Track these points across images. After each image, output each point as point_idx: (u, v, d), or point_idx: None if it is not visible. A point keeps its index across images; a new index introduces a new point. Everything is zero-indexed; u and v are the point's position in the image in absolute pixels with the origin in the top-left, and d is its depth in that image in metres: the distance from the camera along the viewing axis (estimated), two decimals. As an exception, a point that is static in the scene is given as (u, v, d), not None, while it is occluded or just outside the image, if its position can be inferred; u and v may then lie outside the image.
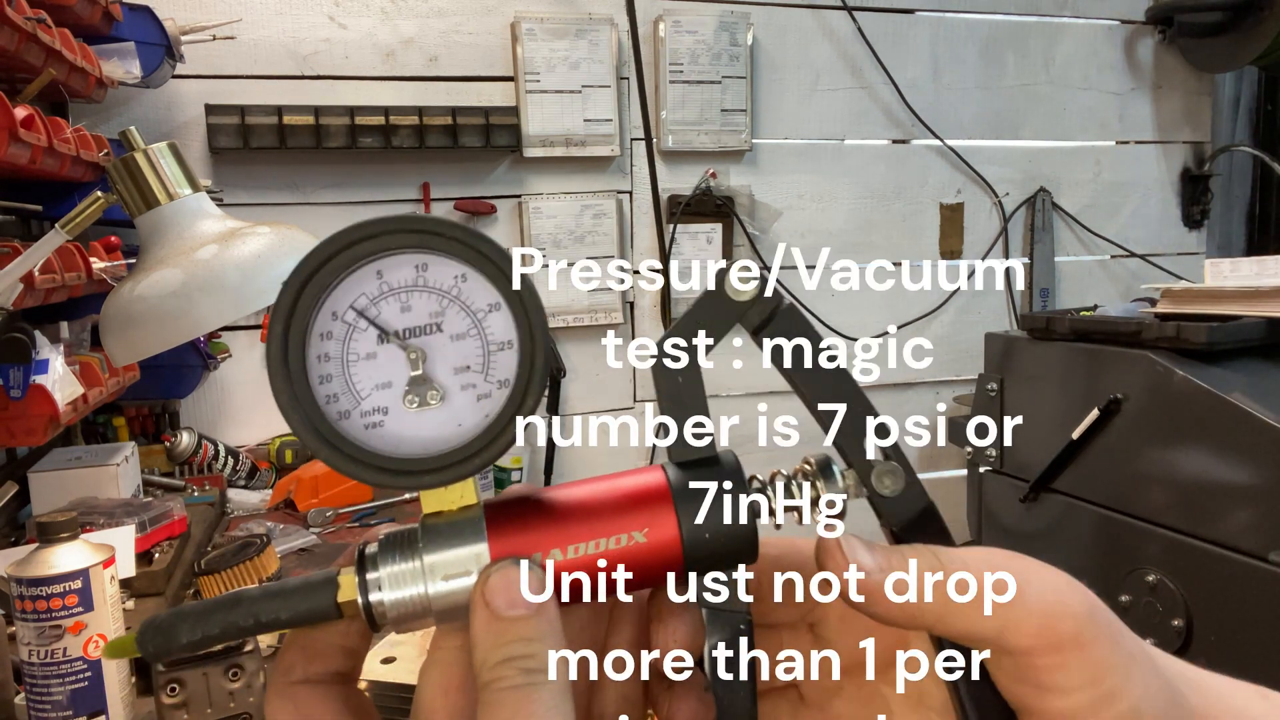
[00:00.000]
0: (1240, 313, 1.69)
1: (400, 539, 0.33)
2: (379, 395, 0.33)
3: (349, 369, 0.33)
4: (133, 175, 0.91)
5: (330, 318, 0.33)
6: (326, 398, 0.33)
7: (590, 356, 2.59)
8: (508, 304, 0.33)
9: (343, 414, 0.33)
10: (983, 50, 2.86)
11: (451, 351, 0.33)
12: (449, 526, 0.33)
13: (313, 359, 0.32)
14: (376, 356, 0.33)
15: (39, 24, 1.34)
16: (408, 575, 0.32)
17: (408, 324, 0.33)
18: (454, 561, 0.32)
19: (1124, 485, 1.79)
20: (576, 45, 2.46)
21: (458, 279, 0.33)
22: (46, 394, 1.29)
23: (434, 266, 0.33)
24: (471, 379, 0.33)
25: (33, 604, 0.93)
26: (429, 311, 0.33)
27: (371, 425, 0.33)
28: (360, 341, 0.33)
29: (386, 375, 0.33)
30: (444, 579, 0.32)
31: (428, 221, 0.32)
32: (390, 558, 0.32)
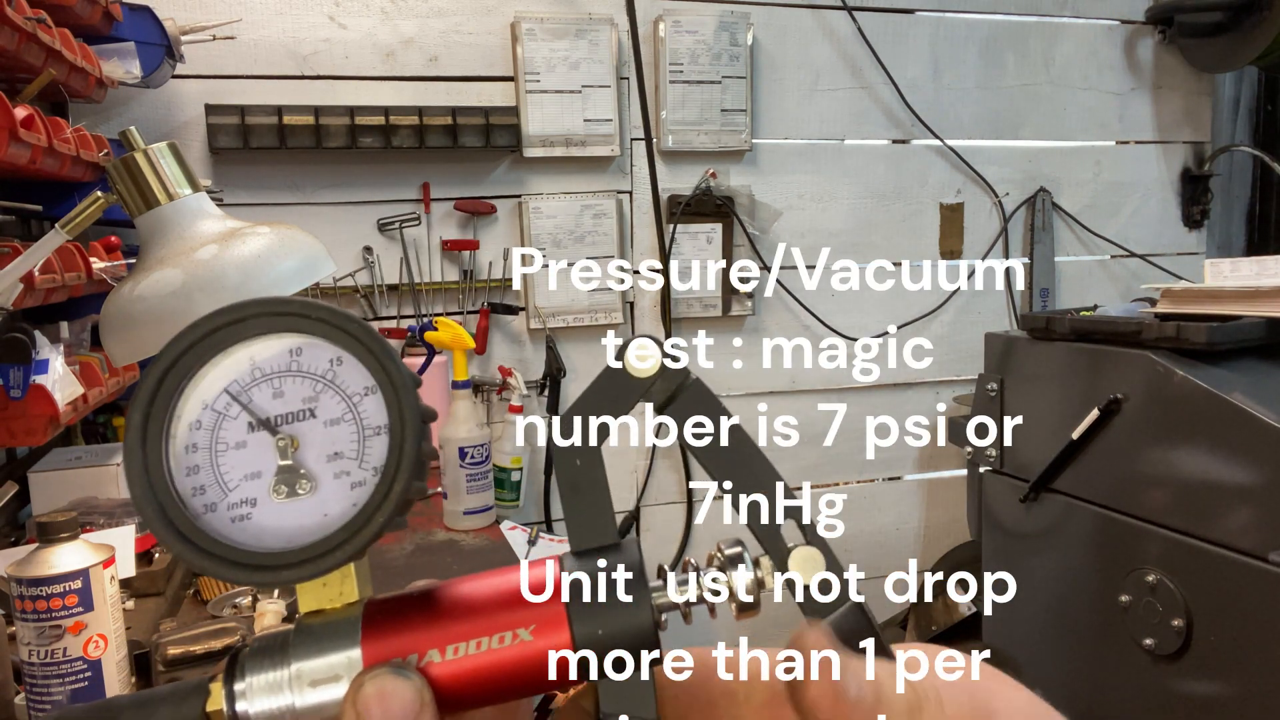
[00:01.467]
0: (1240, 313, 1.69)
1: (273, 643, 0.31)
2: (247, 486, 0.31)
3: (217, 459, 0.31)
4: (133, 175, 0.91)
5: (199, 406, 0.31)
6: (193, 490, 0.31)
7: (590, 356, 2.59)
8: (381, 387, 0.31)
9: (209, 506, 0.31)
10: (983, 50, 2.86)
11: (324, 438, 0.32)
12: (323, 628, 0.31)
13: (180, 450, 0.31)
14: (246, 445, 0.31)
15: (39, 24, 1.34)
16: (276, 683, 0.30)
17: (280, 410, 0.32)
18: (323, 668, 0.30)
19: (1124, 485, 1.79)
20: (576, 45, 2.46)
21: (332, 362, 0.32)
22: (46, 394, 1.29)
23: (308, 350, 0.32)
24: (345, 466, 0.32)
25: (33, 604, 0.93)
26: (303, 397, 0.32)
27: (238, 518, 0.31)
28: (229, 430, 0.31)
29: (256, 465, 0.31)
30: (311, 686, 0.30)
31: (296, 304, 0.31)
32: (259, 664, 0.31)
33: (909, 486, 2.97)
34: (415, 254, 2.41)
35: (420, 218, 2.40)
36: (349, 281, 2.37)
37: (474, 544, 1.93)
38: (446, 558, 1.84)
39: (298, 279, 0.89)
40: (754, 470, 0.34)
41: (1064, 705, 0.82)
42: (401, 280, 2.40)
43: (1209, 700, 1.64)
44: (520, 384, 2.42)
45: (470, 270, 2.46)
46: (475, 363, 2.48)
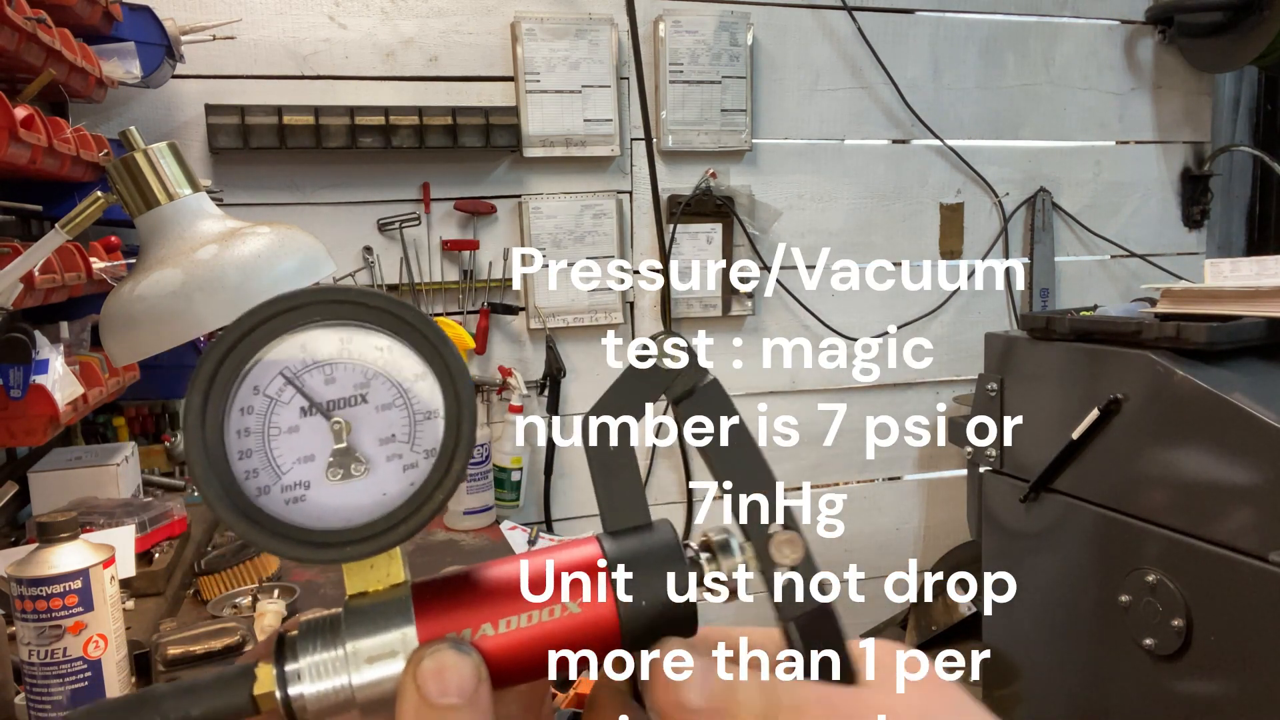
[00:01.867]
0: (1240, 313, 1.69)
1: (322, 625, 0.32)
2: (300, 469, 0.32)
3: (270, 443, 0.32)
4: (133, 175, 0.90)
5: (251, 392, 0.32)
6: (246, 473, 0.32)
7: (590, 356, 2.59)
8: (434, 373, 0.32)
9: (262, 489, 0.32)
10: (983, 50, 2.86)
11: (377, 422, 0.32)
12: (374, 608, 0.32)
13: (232, 434, 0.32)
14: (299, 430, 0.32)
15: (39, 24, 1.34)
16: (330, 664, 0.31)
17: (332, 396, 0.32)
18: (379, 646, 0.31)
19: (1124, 485, 1.79)
20: (576, 45, 2.46)
21: (384, 349, 0.32)
22: (46, 394, 1.29)
23: (359, 338, 0.32)
24: (397, 449, 0.32)
25: (33, 604, 0.93)
26: (354, 383, 0.32)
27: (292, 500, 0.32)
28: (282, 415, 0.32)
29: (309, 448, 0.32)
30: (368, 663, 0.31)
31: (352, 293, 0.32)
32: (311, 645, 0.31)
33: (909, 486, 2.97)
34: (415, 254, 2.41)
35: (420, 218, 2.40)
36: (349, 281, 2.36)
37: (474, 544, 1.93)
38: (446, 558, 1.84)
39: (297, 279, 0.89)
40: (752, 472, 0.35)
41: (1064, 705, 0.82)
42: (401, 280, 2.40)
43: (1209, 700, 1.63)
44: (520, 384, 2.42)
45: (470, 270, 2.46)
46: (475, 363, 2.48)
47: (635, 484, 0.35)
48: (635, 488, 0.35)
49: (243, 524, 0.31)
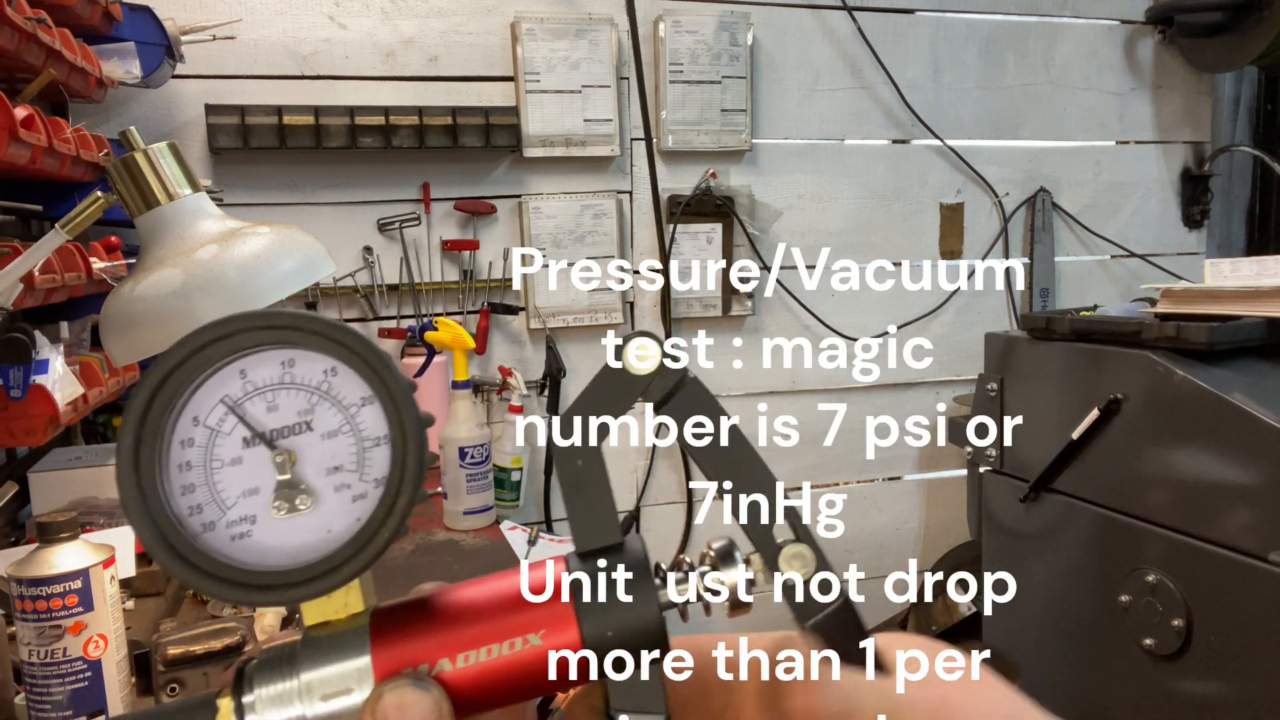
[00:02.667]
0: (1240, 313, 1.69)
1: (280, 655, 0.31)
2: (246, 503, 0.31)
3: (213, 476, 0.31)
4: (133, 175, 0.90)
5: (191, 423, 0.30)
6: (190, 509, 0.30)
7: (590, 356, 2.59)
8: (379, 398, 0.31)
9: (207, 525, 0.30)
10: (983, 50, 2.86)
11: (322, 451, 0.31)
12: (330, 640, 0.31)
13: (174, 468, 0.30)
14: (242, 461, 0.31)
15: (39, 24, 1.34)
16: (285, 695, 0.30)
17: (275, 424, 0.31)
18: (334, 679, 0.30)
19: (1124, 485, 1.79)
20: (576, 45, 2.46)
21: (327, 373, 0.31)
22: (46, 394, 1.29)
23: (301, 361, 0.31)
24: (345, 479, 0.31)
25: (33, 604, 0.93)
26: (298, 410, 0.31)
27: (238, 536, 0.31)
28: (224, 447, 0.31)
29: (254, 481, 0.31)
30: (323, 699, 0.30)
31: (286, 317, 0.30)
32: (267, 676, 0.30)
33: (909, 486, 2.97)
34: (415, 254, 2.41)
35: (420, 218, 2.40)
36: (349, 281, 2.37)
37: (474, 544, 1.93)
38: (446, 558, 1.84)
39: (298, 279, 0.89)
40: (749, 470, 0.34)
41: (1064, 705, 0.82)
42: (401, 280, 2.40)
43: (1209, 700, 1.63)
44: (520, 384, 2.42)
45: (470, 270, 2.46)
46: (475, 363, 2.48)
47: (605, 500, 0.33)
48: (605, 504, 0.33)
49: (181, 567, 0.30)
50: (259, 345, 0.30)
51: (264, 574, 0.30)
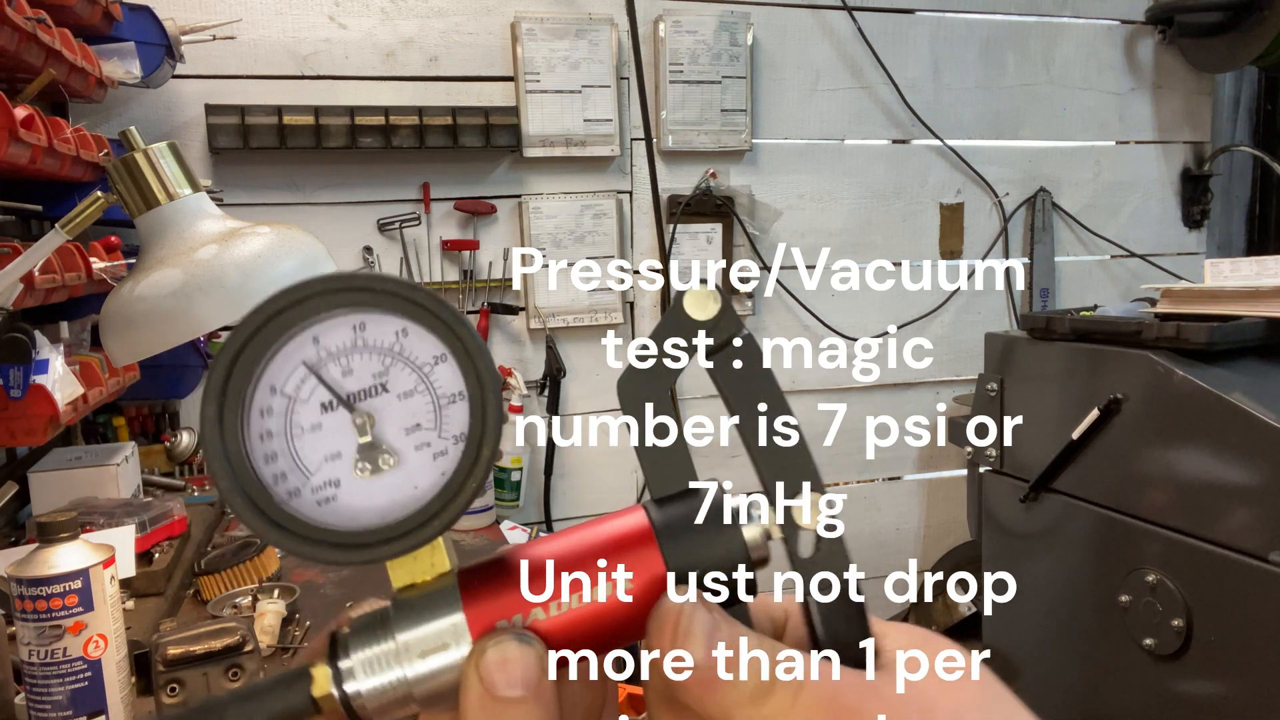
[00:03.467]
0: (1240, 313, 1.69)
1: (372, 619, 0.31)
2: (329, 467, 0.31)
3: (294, 444, 0.31)
4: (133, 175, 0.91)
5: (269, 392, 0.31)
6: (274, 477, 0.31)
7: (590, 356, 2.59)
8: (453, 354, 0.31)
9: (292, 492, 0.31)
10: (983, 50, 2.86)
11: (400, 411, 0.31)
12: (421, 600, 0.31)
13: (254, 438, 0.31)
14: (322, 427, 0.31)
15: (39, 24, 1.34)
16: (382, 658, 0.30)
17: (352, 388, 0.31)
18: (430, 637, 0.30)
19: (1124, 485, 1.79)
20: (576, 45, 2.46)
21: (399, 334, 0.31)
22: (46, 394, 1.29)
23: (372, 325, 0.31)
24: (425, 437, 0.31)
25: (33, 604, 0.93)
26: (372, 372, 0.31)
27: (324, 500, 0.31)
28: (303, 413, 0.31)
29: (334, 445, 0.31)
30: (421, 656, 0.30)
31: (358, 278, 0.30)
32: (362, 641, 0.30)
33: (909, 486, 2.97)
34: (415, 254, 2.41)
35: (420, 218, 2.40)
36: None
37: (474, 544, 1.93)
38: (446, 558, 1.84)
39: (297, 279, 0.89)
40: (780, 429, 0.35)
41: (1064, 705, 0.82)
42: (401, 280, 2.40)
43: (1209, 700, 1.64)
44: (520, 384, 2.42)
45: (470, 270, 2.46)
46: (475, 363, 2.47)
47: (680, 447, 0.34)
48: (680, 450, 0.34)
49: (275, 532, 0.30)
50: (333, 309, 0.30)
51: (357, 534, 0.30)
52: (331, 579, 1.53)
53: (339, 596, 1.45)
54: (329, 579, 1.53)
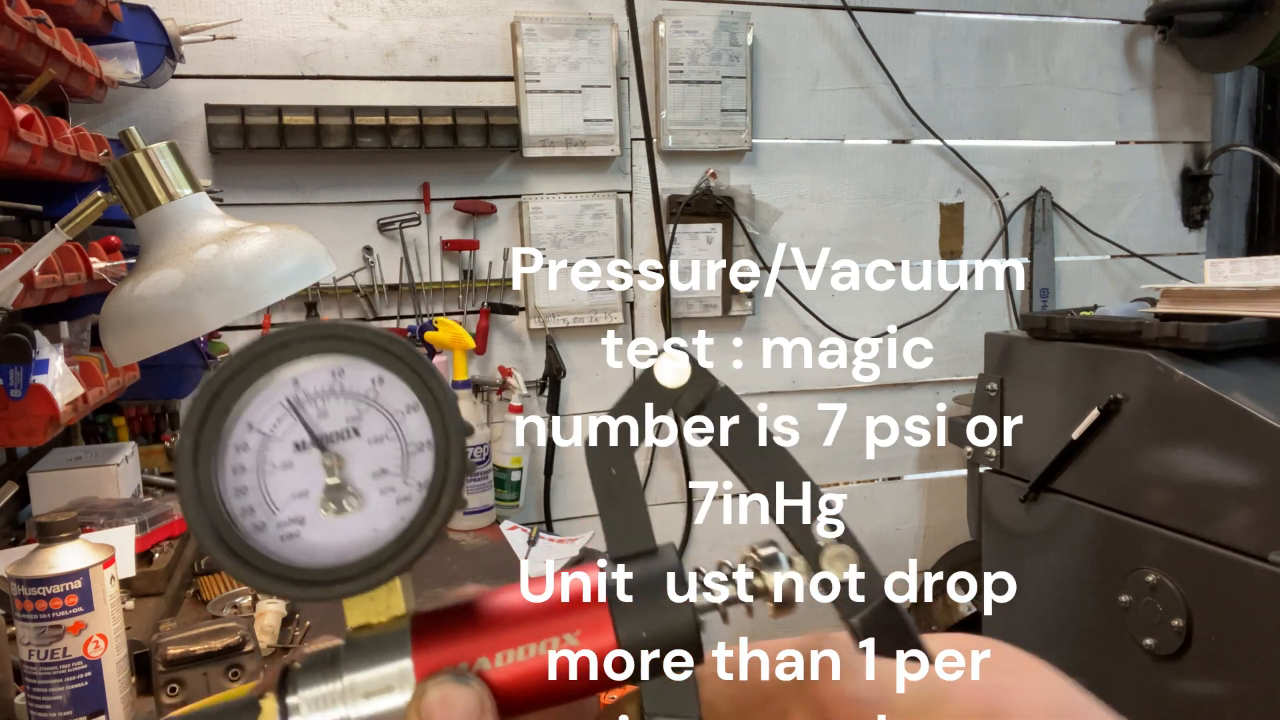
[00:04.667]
0: (1240, 313, 1.69)
1: (323, 657, 0.32)
2: (295, 505, 0.32)
3: (265, 480, 0.32)
4: (133, 175, 0.91)
5: (246, 429, 0.32)
6: (242, 510, 0.32)
7: (590, 356, 2.59)
8: (424, 404, 0.32)
9: (258, 526, 0.32)
10: (983, 50, 2.86)
11: (369, 455, 0.33)
12: (372, 641, 0.32)
13: (228, 472, 0.32)
14: (293, 465, 0.32)
15: (39, 24, 1.34)
16: (329, 697, 0.31)
17: (326, 430, 0.32)
18: (376, 679, 0.31)
19: (1124, 485, 1.79)
20: (576, 45, 2.46)
21: (374, 381, 0.33)
22: (46, 394, 1.29)
23: (350, 371, 0.32)
24: (390, 482, 0.33)
25: (33, 604, 0.93)
26: (346, 416, 0.33)
27: (287, 536, 0.32)
28: (276, 451, 0.32)
29: (303, 484, 0.32)
30: (365, 697, 0.31)
31: (339, 327, 0.32)
32: (311, 678, 0.31)
33: (909, 486, 2.97)
34: (415, 254, 2.41)
35: (420, 218, 2.40)
36: (349, 281, 2.37)
37: (474, 544, 1.93)
38: (446, 558, 1.84)
39: (298, 279, 0.89)
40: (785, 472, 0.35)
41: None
42: (401, 280, 2.40)
43: (1209, 700, 1.64)
44: (520, 384, 2.42)
45: (470, 270, 2.46)
46: (475, 363, 2.48)
47: (639, 506, 0.35)
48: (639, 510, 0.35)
49: (235, 565, 0.31)
50: (314, 354, 0.32)
51: (314, 570, 0.32)
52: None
53: (339, 596, 1.45)
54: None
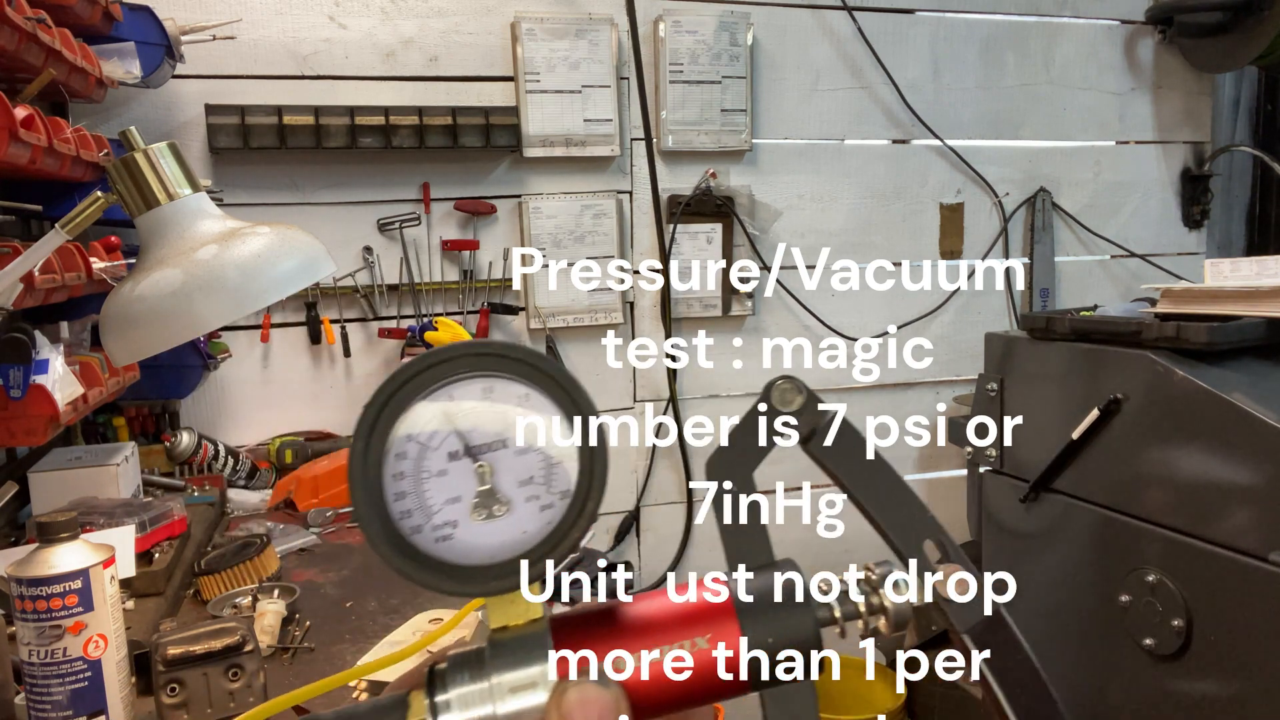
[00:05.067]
0: (1240, 313, 1.69)
1: (469, 658, 0.34)
2: (449, 509, 0.35)
3: (422, 486, 0.35)
4: (133, 175, 0.91)
5: (405, 439, 0.35)
6: (400, 514, 0.34)
7: (590, 356, 2.59)
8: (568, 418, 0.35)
9: (415, 529, 0.34)
10: (983, 50, 2.86)
11: (516, 465, 0.35)
12: (515, 641, 0.34)
13: (389, 477, 0.34)
14: (447, 473, 0.35)
15: (39, 24, 1.34)
16: (476, 696, 0.33)
17: (477, 442, 0.35)
18: (521, 678, 0.33)
19: (1124, 485, 1.79)
20: (576, 45, 2.46)
21: (521, 398, 0.35)
22: (46, 394, 1.29)
23: (499, 388, 0.35)
24: (535, 491, 0.35)
25: (33, 604, 0.93)
26: (495, 429, 0.35)
27: (441, 539, 0.34)
28: (432, 460, 0.35)
29: (456, 490, 0.35)
30: (511, 693, 0.33)
31: (494, 346, 0.35)
32: (459, 677, 0.33)
33: (909, 486, 2.97)
34: (415, 254, 2.41)
35: (420, 218, 2.40)
36: (349, 281, 2.37)
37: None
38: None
39: (298, 279, 0.89)
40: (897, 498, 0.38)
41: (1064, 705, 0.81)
42: (401, 280, 2.40)
43: (1209, 700, 1.64)
44: (520, 384, 2.42)
45: (470, 270, 2.46)
46: (475, 363, 2.47)
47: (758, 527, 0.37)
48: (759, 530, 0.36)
49: (400, 560, 0.34)
50: (469, 371, 0.35)
51: (469, 568, 0.34)
52: (331, 579, 1.53)
53: (339, 596, 1.45)
54: (329, 579, 1.53)
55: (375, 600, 1.42)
